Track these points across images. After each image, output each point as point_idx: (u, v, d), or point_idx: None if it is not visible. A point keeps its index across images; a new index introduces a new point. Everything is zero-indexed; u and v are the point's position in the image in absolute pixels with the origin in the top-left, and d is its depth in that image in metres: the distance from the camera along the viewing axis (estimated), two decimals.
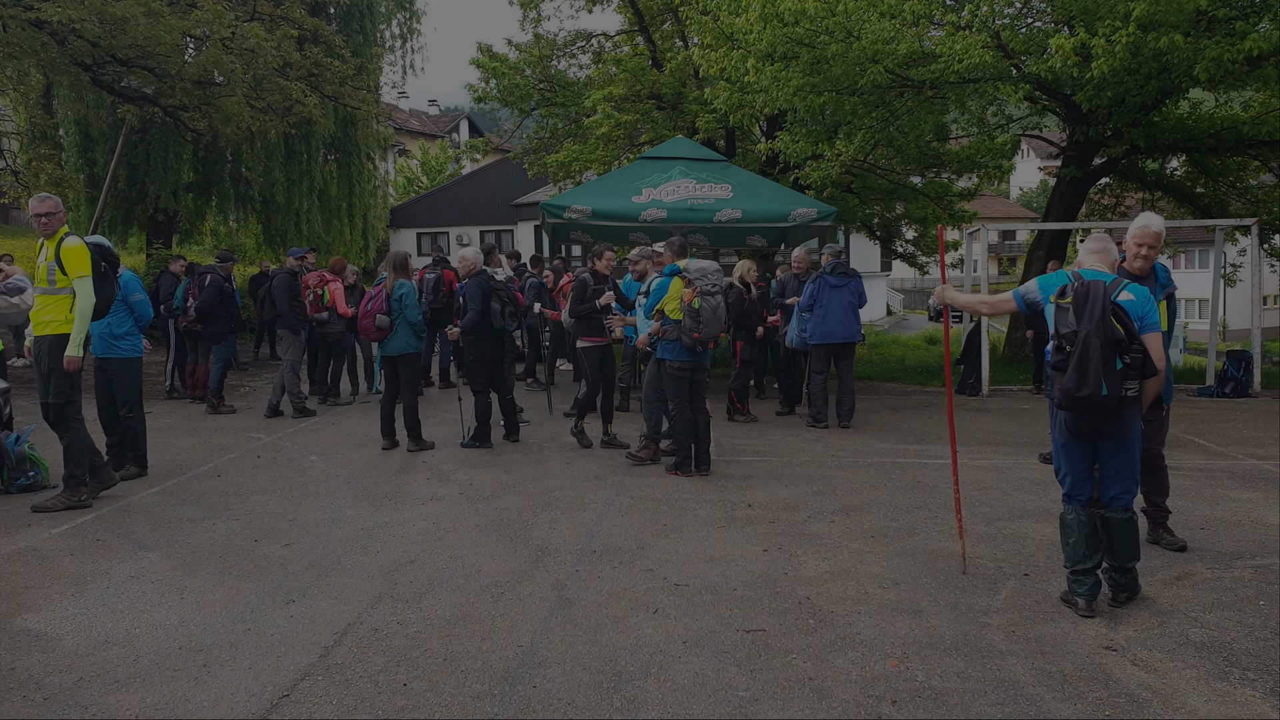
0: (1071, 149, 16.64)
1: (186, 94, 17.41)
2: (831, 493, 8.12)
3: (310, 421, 12.14)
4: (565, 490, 8.26)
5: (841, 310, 11.22)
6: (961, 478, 8.52)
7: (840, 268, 11.36)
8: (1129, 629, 5.07)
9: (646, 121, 19.54)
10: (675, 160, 13.89)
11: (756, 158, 18.46)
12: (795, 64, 13.27)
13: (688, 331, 8.51)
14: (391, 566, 6.17)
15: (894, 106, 14.63)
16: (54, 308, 7.69)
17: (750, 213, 13.02)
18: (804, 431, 11.18)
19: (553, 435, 10.99)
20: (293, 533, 7.01)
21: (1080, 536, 5.30)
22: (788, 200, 13.46)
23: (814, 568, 6.07)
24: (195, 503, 7.95)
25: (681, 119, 19.18)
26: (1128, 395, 5.00)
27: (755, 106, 14.39)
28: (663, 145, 15.00)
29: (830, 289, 11.21)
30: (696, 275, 8.59)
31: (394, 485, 8.56)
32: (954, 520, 7.07)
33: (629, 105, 18.99)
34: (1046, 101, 15.86)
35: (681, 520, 7.25)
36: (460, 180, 45.51)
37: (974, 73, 12.77)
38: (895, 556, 6.30)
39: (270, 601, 5.53)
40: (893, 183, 19.01)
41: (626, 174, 14.01)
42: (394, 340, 10.07)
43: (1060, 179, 17.24)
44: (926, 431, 11.19)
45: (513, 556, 6.36)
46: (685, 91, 18.85)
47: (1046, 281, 5.38)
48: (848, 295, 11.26)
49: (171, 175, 22.20)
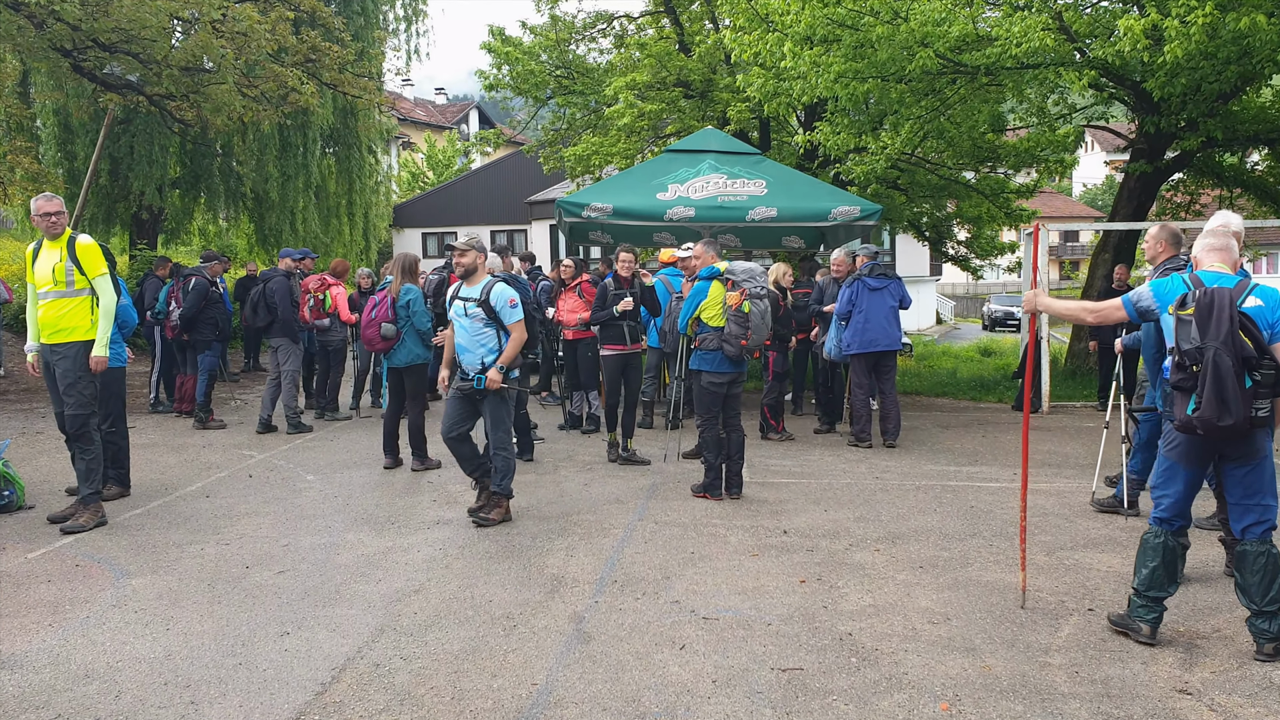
0: (1141, 141, 16.56)
1: (173, 82, 17.53)
2: (876, 518, 8.11)
3: (306, 438, 12.21)
4: (583, 514, 8.28)
5: (882, 315, 11.25)
6: (1018, 502, 8.49)
7: (879, 269, 11.44)
8: (1205, 670, 5.03)
9: (673, 111, 19.57)
10: (704, 154, 13.91)
11: (793, 151, 18.44)
12: (836, 48, 13.26)
13: (735, 338, 8.53)
14: (394, 596, 6.19)
15: (945, 95, 14.59)
16: (74, 312, 7.77)
17: (786, 211, 13.01)
18: (845, 451, 11.17)
19: (569, 454, 11.01)
20: (287, 559, 7.05)
21: (1163, 564, 5.26)
22: (828, 197, 13.46)
23: (856, 601, 6.06)
24: (182, 525, 8.01)
25: (711, 108, 19.20)
26: (1258, 416, 4.91)
27: (792, 95, 14.38)
28: (691, 137, 15.03)
29: (869, 292, 11.25)
30: (745, 278, 8.66)
31: (397, 508, 8.60)
32: (1010, 549, 7.05)
33: (654, 93, 19.03)
34: (1113, 89, 15.80)
35: (711, 548, 7.25)
36: (469, 176, 45.71)
37: (1033, 57, 12.73)
38: (946, 589, 6.29)
39: (263, 633, 5.56)
40: (943, 178, 18.94)
41: (651, 169, 14.04)
42: (401, 350, 10.09)
43: (1128, 175, 17.15)
44: (980, 451, 11.15)
45: (526, 586, 6.38)
46: (715, 78, 18.87)
47: (1163, 288, 5.25)
48: (888, 299, 11.30)
49: (157, 170, 22.33)
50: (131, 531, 7.82)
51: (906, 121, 14.58)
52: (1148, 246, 7.25)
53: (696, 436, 9.19)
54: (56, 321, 7.77)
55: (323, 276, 13.48)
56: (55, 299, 7.75)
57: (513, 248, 33.31)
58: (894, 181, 18.17)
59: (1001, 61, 12.74)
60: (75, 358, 7.76)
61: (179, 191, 25.11)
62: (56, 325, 7.77)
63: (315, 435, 12.42)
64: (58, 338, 7.79)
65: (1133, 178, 16.93)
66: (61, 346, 7.79)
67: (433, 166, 54.65)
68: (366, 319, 10.12)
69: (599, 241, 16.52)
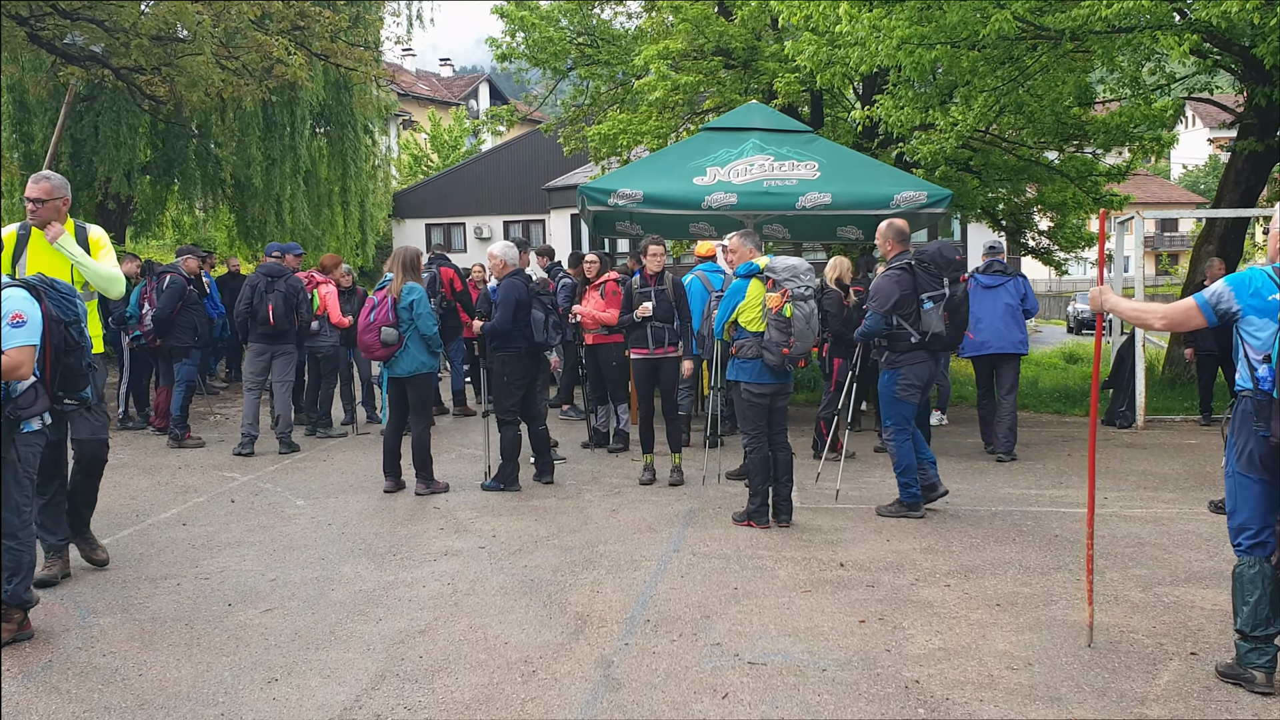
0: (1250, 116, 16.45)
1: (143, 53, 17.64)
2: (946, 549, 8.09)
3: (296, 458, 12.30)
4: (611, 544, 8.30)
5: (996, 316, 11.89)
6: (1111, 531, 8.47)
7: (995, 265, 12.12)
8: None
9: (711, 84, 19.58)
10: (748, 132, 13.89)
11: (850, 128, 18.43)
12: (899, 10, 13.24)
13: (776, 346, 8.52)
14: (397, 637, 6.23)
15: (1024, 63, 14.54)
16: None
17: (842, 197, 12.98)
18: None
19: (594, 475, 11.05)
20: (275, 595, 7.10)
21: (1263, 594, 5.24)
22: (889, 181, 13.43)
23: (924, 643, 6.05)
24: (155, 558, 8.07)
25: (755, 80, 19.20)
26: None
27: (849, 64, 14.36)
28: (732, 114, 15.02)
29: (983, 291, 11.90)
30: (786, 276, 8.60)
31: (399, 537, 8.64)
32: (1101, 585, 7.01)
33: (690, 63, 19.04)
34: (1218, 55, 15.71)
35: (757, 583, 7.25)
36: (479, 159, 45.87)
37: (1126, 19, 12.66)
38: (1027, 630, 6.27)
39: (248, 680, 5.61)
40: (1022, 159, 18.88)
41: (687, 149, 14.05)
42: (403, 358, 10.08)
43: (1235, 154, 17.04)
44: (1066, 472, 11.10)
45: (546, 626, 6.40)
46: (760, 46, 18.88)
47: (1242, 283, 5.25)
48: (1005, 298, 11.94)
49: (125, 153, 22.46)
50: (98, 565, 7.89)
51: (980, 94, 14.52)
52: (1273, 239, 6.56)
53: (741, 455, 9.19)
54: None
55: (310, 274, 13.52)
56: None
57: (530, 241, 33.41)
58: (965, 163, 18.12)
59: (1089, 24, 12.67)
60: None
61: (150, 178, 25.31)
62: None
63: (306, 455, 12.50)
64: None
65: (1240, 157, 16.81)
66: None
67: (437, 148, 54.88)
68: (364, 322, 10.12)
69: (627, 233, 16.54)
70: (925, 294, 9.07)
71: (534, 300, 10.15)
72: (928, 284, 9.14)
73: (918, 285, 9.10)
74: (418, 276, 10.39)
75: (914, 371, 9.10)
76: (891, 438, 9.21)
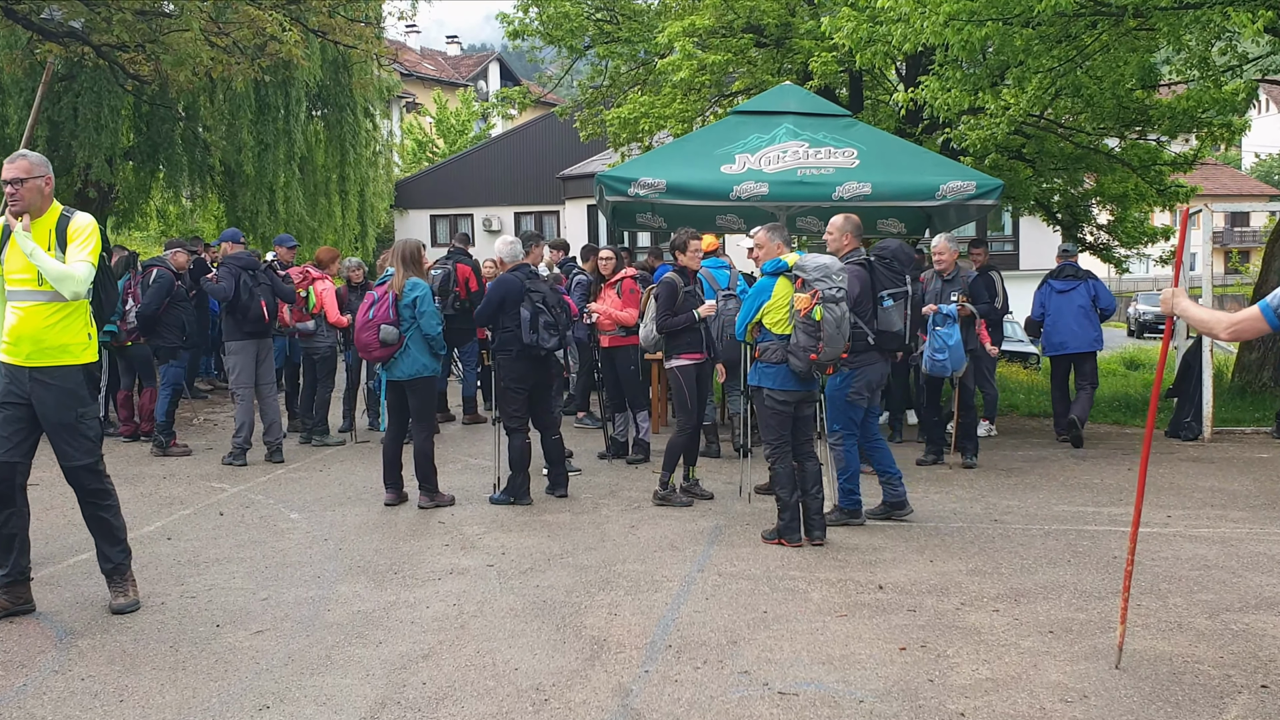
0: None
1: (126, 28, 17.65)
2: (994, 571, 8.08)
3: (288, 468, 12.35)
4: (630, 563, 8.31)
5: (1070, 316, 13.80)
6: (1175, 552, 8.45)
7: (1069, 270, 14.04)
8: None
9: (741, 63, 19.57)
10: (780, 116, 13.87)
11: (892, 112, 18.41)
12: None
13: (803, 351, 8.51)
14: (398, 663, 6.25)
15: (1083, 41, 14.51)
16: (65, 324, 6.86)
17: (884, 187, 12.96)
18: (955, 487, 11.12)
19: (612, 488, 11.06)
20: (267, 616, 7.13)
21: None
22: (934, 170, 13.40)
23: (970, 673, 6.04)
24: (138, 575, 8.04)
25: (789, 60, 19.19)
26: None
27: (891, 41, 14.34)
28: (763, 96, 15.01)
29: (1057, 295, 13.90)
30: (817, 276, 8.54)
31: (401, 553, 8.66)
32: (1163, 610, 7.00)
33: (718, 41, 19.03)
34: None
35: (788, 606, 7.25)
36: (489, 145, 45.92)
37: None
38: (1082, 659, 6.25)
39: (237, 708, 5.63)
40: (1080, 146, 18.81)
41: (714, 135, 14.05)
42: (403, 360, 10.11)
43: None
44: (1125, 488, 11.06)
45: (559, 652, 6.41)
46: (794, 22, 18.87)
47: None
48: (1078, 300, 13.82)
49: (106, 137, 22.54)
50: (76, 581, 7.92)
51: (1034, 75, 14.49)
52: None
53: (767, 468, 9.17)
54: (38, 336, 6.79)
55: (305, 269, 13.53)
56: (36, 302, 6.78)
57: (544, 234, 33.41)
58: (1018, 151, 18.07)
59: (1154, 1, 12.66)
60: (71, 389, 6.88)
61: (133, 164, 25.39)
62: (38, 341, 6.79)
63: (300, 464, 12.54)
64: (41, 359, 6.81)
65: None
66: (47, 372, 6.83)
67: (444, 133, 54.93)
68: (362, 320, 10.14)
69: (649, 225, 16.53)
70: (885, 290, 9.41)
71: (524, 298, 10.14)
72: (888, 280, 9.46)
73: (875, 282, 9.38)
74: (420, 271, 10.40)
75: (868, 373, 9.42)
76: (840, 442, 9.49)
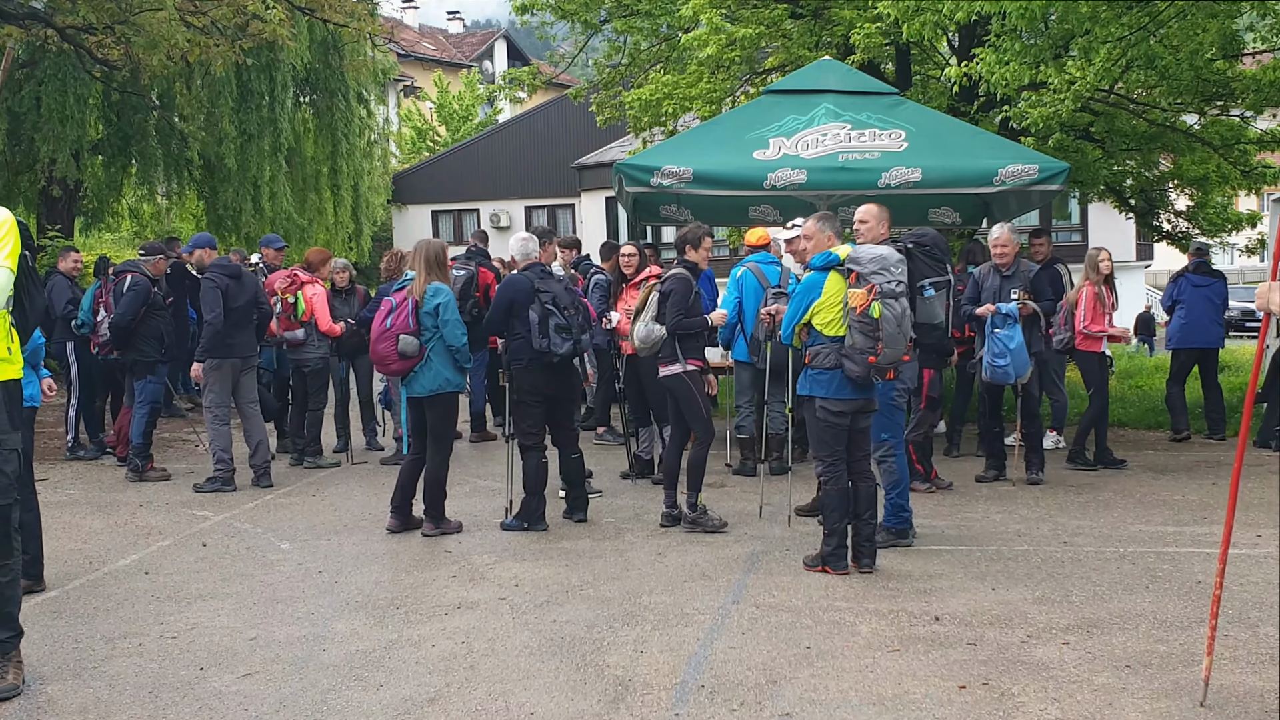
0: None
1: (92, 9, 17.69)
2: (1064, 599, 8.04)
3: (277, 493, 12.35)
4: (657, 594, 8.30)
5: (1201, 311, 14.91)
6: (1268, 576, 8.39)
7: (1204, 267, 15.17)
8: None
9: (775, 37, 19.52)
10: (820, 95, 13.84)
11: (944, 89, 18.37)
12: None
13: (860, 354, 8.43)
14: (401, 708, 6.25)
15: (1156, 8, 14.46)
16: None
17: (935, 173, 12.92)
18: (1019, 507, 11.05)
19: (636, 512, 11.03)
20: (255, 658, 7.13)
21: None
22: (992, 152, 13.36)
23: (1038, 713, 6.02)
24: (113, 612, 8.12)
25: (828, 33, 19.14)
26: None
27: (942, 11, 14.31)
28: (800, 73, 15.01)
29: (1193, 290, 14.96)
30: (874, 269, 8.45)
31: (404, 587, 8.67)
32: (1254, 641, 6.96)
33: (749, 13, 18.98)
34: None
35: (834, 641, 7.24)
36: (495, 132, 46.00)
37: None
38: (1164, 696, 6.23)
39: None
40: (1154, 124, 18.73)
41: (745, 117, 14.04)
42: (424, 374, 10.02)
43: None
44: (1210, 505, 10.99)
45: (580, 693, 6.41)
46: None
47: None
48: (1211, 297, 14.97)
49: (72, 129, 22.54)
50: (45, 622, 7.91)
51: (1102, 46, 14.43)
52: None
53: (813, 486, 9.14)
54: None
55: (293, 272, 13.47)
56: None
57: (557, 230, 33.42)
58: (1085, 130, 18.02)
59: None
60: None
61: (102, 159, 25.43)
62: None
63: (290, 488, 12.55)
64: None
65: None
66: None
67: (445, 120, 54.99)
68: (379, 329, 10.02)
69: (675, 219, 16.45)
70: (926, 280, 9.25)
71: (533, 299, 10.05)
72: (929, 269, 9.31)
73: (915, 271, 9.18)
74: (444, 275, 10.29)
75: (907, 371, 9.56)
76: (890, 453, 9.46)
